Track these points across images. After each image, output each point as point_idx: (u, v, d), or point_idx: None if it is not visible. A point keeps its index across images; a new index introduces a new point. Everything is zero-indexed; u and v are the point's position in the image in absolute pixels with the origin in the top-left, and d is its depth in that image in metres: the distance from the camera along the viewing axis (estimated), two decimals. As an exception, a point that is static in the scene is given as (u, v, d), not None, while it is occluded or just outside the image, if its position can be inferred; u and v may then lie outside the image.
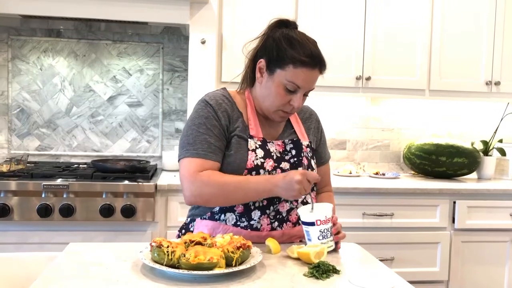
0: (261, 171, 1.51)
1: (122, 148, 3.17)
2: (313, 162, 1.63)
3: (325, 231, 1.44)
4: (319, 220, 1.43)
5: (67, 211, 2.40)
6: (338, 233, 1.53)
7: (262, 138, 1.56)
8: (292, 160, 1.57)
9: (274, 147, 1.57)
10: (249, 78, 1.62)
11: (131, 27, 3.12)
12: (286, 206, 1.56)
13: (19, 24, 3.04)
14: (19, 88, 3.07)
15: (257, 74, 1.56)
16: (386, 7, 3.01)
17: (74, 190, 2.43)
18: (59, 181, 2.45)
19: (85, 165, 2.93)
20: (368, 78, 2.99)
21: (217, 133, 1.51)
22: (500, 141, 3.32)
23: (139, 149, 3.18)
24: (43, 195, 2.42)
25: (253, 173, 1.50)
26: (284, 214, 1.56)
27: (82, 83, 3.11)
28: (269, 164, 1.53)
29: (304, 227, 1.46)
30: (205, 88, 2.76)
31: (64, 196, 2.43)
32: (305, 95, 1.55)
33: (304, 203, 1.60)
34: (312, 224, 1.43)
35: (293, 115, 1.67)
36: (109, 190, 2.46)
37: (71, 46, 3.09)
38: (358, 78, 2.99)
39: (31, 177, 2.50)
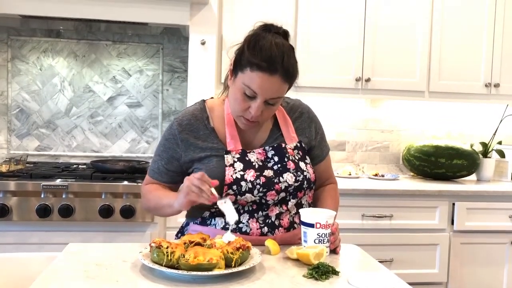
0: (243, 183, 1.46)
1: (122, 148, 3.17)
2: (302, 164, 1.55)
3: (323, 235, 1.43)
4: (319, 223, 1.42)
5: (67, 212, 2.40)
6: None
7: (241, 150, 1.52)
8: (275, 167, 1.52)
9: (255, 156, 1.52)
10: (227, 82, 1.56)
11: (131, 27, 3.12)
12: (276, 210, 1.52)
13: (19, 24, 3.04)
14: (18, 88, 3.07)
15: (229, 77, 1.51)
16: (385, 8, 3.01)
17: (74, 190, 2.43)
18: (58, 181, 2.45)
19: (84, 166, 2.93)
20: (368, 80, 3.00)
21: (170, 156, 1.56)
22: (499, 143, 3.32)
23: (139, 149, 3.18)
24: (42, 196, 2.41)
25: (234, 187, 1.46)
26: (273, 219, 1.52)
27: (81, 83, 3.11)
28: (250, 174, 1.48)
29: (303, 228, 1.45)
30: (205, 89, 2.76)
31: (63, 196, 2.43)
32: (270, 104, 1.43)
33: (299, 204, 1.58)
34: (311, 225, 1.42)
35: (282, 115, 1.60)
36: (109, 191, 2.45)
37: (71, 46, 3.09)
38: (357, 80, 2.99)
39: (30, 177, 2.49)
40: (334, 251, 1.51)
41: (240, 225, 1.51)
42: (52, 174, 2.56)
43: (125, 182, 2.49)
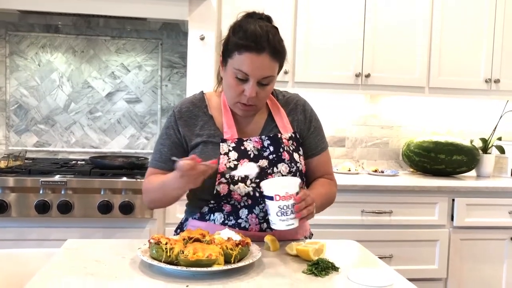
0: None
1: (121, 144, 3.16)
2: (296, 155, 1.55)
3: (285, 207, 1.33)
4: (278, 195, 1.33)
5: (65, 208, 2.40)
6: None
7: (237, 139, 1.52)
8: (271, 157, 1.52)
9: (251, 145, 1.52)
10: (220, 75, 1.58)
11: (129, 23, 3.11)
12: None
13: (17, 20, 3.03)
14: (17, 84, 3.05)
15: (220, 69, 1.54)
16: (385, 4, 3.00)
17: (72, 186, 2.43)
18: (57, 177, 2.44)
19: (83, 162, 2.92)
20: (368, 75, 2.99)
21: (172, 142, 1.56)
22: (499, 138, 3.32)
23: (138, 145, 3.18)
24: (41, 192, 2.41)
25: (227, 175, 1.46)
26: None
27: (80, 79, 3.10)
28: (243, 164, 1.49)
29: (266, 200, 1.37)
30: (204, 84, 2.75)
31: (62, 192, 2.42)
32: (264, 84, 1.45)
33: None
34: (271, 198, 1.35)
35: (275, 106, 1.60)
36: (107, 187, 2.45)
37: (69, 42, 3.08)
38: (357, 75, 2.98)
39: (29, 173, 2.49)
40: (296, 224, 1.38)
41: (239, 220, 1.51)
42: (51, 170, 2.56)
43: (124, 178, 2.48)
